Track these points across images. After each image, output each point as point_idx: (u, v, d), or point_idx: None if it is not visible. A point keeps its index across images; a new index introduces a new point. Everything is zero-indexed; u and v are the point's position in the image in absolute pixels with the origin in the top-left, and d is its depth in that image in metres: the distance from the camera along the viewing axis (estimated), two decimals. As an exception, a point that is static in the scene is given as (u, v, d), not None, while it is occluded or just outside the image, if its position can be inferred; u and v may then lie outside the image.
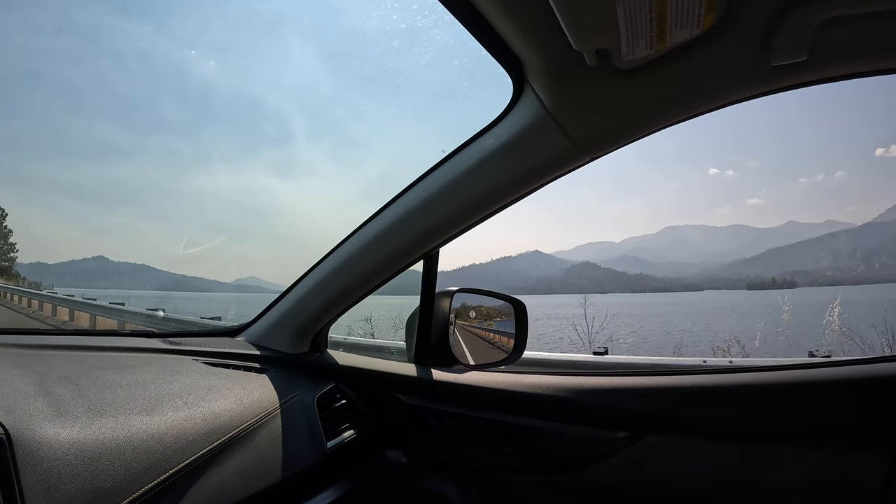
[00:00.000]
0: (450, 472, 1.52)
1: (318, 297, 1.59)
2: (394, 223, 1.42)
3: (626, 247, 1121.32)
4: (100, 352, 1.45)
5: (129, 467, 1.00)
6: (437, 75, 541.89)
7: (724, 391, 1.23)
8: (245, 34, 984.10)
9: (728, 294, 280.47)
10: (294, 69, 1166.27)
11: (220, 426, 1.20)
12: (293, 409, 1.41)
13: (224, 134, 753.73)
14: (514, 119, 1.21)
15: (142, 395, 1.18)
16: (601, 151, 1.20)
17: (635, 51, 0.94)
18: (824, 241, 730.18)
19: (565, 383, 1.36)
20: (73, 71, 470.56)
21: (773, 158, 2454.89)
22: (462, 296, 1.68)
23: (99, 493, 0.94)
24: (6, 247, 62.99)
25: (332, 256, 1.55)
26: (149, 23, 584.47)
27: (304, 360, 1.67)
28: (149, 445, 1.05)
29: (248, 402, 1.32)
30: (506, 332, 1.68)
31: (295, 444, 1.34)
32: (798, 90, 1.05)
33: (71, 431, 0.99)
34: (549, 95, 1.11)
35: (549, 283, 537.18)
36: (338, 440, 1.46)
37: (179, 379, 1.32)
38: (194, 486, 1.08)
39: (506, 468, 1.44)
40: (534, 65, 1.07)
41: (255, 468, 1.22)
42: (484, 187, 1.30)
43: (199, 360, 1.52)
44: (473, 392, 1.46)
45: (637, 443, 1.27)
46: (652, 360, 4.77)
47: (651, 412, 1.28)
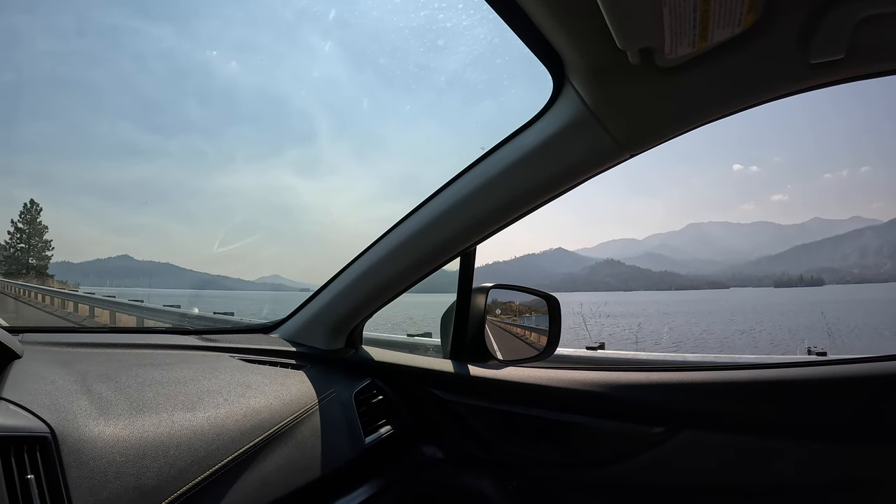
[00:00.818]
0: (486, 467, 1.52)
1: (355, 293, 1.60)
2: (432, 220, 1.42)
3: (650, 244, 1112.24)
4: (137, 349, 1.46)
5: (173, 464, 1.00)
6: (478, 74, 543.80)
7: (760, 386, 1.21)
8: (271, 33, 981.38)
9: (755, 291, 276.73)
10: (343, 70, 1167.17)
11: (261, 422, 1.21)
12: (331, 405, 1.42)
13: (248, 133, 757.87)
14: (554, 116, 1.21)
15: (182, 392, 1.20)
16: (640, 148, 1.20)
17: (678, 49, 0.95)
18: (850, 238, 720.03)
19: (601, 378, 1.36)
20: (96, 73, 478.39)
21: (797, 154, 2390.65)
22: (494, 292, 1.67)
23: (144, 490, 0.95)
24: (41, 244, 62.50)
25: (369, 253, 1.56)
26: (170, 24, 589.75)
27: (340, 356, 1.67)
28: (192, 442, 1.06)
29: (287, 399, 1.33)
30: (536, 329, 1.69)
31: (334, 439, 1.35)
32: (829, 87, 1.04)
33: (114, 429, 1.01)
34: (589, 93, 1.11)
35: (573, 281, 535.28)
36: (376, 436, 1.47)
37: (218, 376, 1.33)
38: (237, 483, 1.09)
39: (542, 464, 1.44)
40: (575, 63, 1.08)
41: (295, 464, 1.23)
42: (523, 184, 1.30)
43: (235, 356, 1.53)
44: (510, 387, 1.45)
45: (673, 438, 1.26)
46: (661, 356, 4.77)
47: (687, 407, 1.27)
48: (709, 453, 1.24)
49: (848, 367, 1.17)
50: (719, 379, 1.26)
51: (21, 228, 62.98)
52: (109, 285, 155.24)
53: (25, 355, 1.19)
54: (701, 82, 1.05)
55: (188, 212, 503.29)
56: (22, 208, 63.91)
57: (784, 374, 1.21)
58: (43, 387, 1.06)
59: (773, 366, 1.25)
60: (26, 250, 61.83)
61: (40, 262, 61.64)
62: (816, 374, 1.18)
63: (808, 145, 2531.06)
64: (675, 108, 1.11)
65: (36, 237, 62.86)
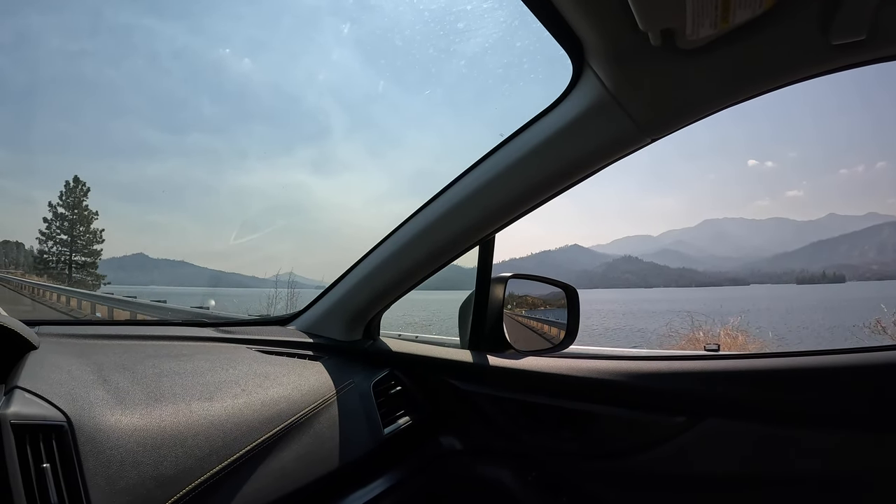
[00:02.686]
0: (505, 458, 1.52)
1: (373, 283, 1.60)
2: (450, 209, 1.42)
3: (665, 240, 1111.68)
4: (154, 341, 1.45)
5: (190, 454, 1.01)
6: (498, 58, 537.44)
7: (784, 375, 1.21)
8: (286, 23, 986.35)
9: (777, 289, 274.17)
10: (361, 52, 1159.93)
11: (279, 413, 1.21)
12: (350, 395, 1.42)
13: (261, 130, 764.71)
14: (574, 101, 1.21)
15: (199, 382, 1.20)
16: (662, 132, 1.19)
17: (700, 30, 0.94)
18: (868, 234, 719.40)
19: (621, 367, 1.35)
20: (110, 72, 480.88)
21: (813, 149, 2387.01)
22: (513, 283, 1.65)
23: (162, 479, 0.95)
24: (88, 235, 47.01)
25: (387, 244, 1.55)
26: (183, 22, 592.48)
27: (357, 347, 1.66)
28: (210, 432, 1.07)
29: (306, 389, 1.34)
30: (555, 322, 1.68)
31: (353, 430, 1.36)
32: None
33: (132, 419, 1.01)
34: (610, 76, 1.11)
35: (590, 278, 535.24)
36: (394, 426, 1.47)
37: (235, 366, 1.33)
38: (256, 473, 1.09)
39: (562, 454, 1.44)
40: (595, 45, 1.07)
41: (314, 454, 1.24)
42: (543, 171, 1.30)
43: (252, 348, 1.53)
44: (529, 377, 1.45)
45: (696, 427, 1.26)
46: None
47: (710, 396, 1.26)
48: (732, 443, 1.24)
49: (874, 356, 1.17)
50: (742, 367, 1.25)
51: (62, 214, 46.56)
52: (126, 283, 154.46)
53: (42, 346, 1.19)
54: (722, 64, 1.04)
55: (203, 209, 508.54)
56: (63, 188, 46.98)
57: (808, 362, 1.21)
58: (59, 376, 1.06)
59: (798, 354, 1.24)
60: (69, 243, 45.90)
61: (87, 259, 46.44)
62: (841, 363, 1.17)
63: (826, 140, 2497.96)
64: (696, 90, 1.11)
65: (81, 225, 46.61)
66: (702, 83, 1.08)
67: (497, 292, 1.59)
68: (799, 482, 1.20)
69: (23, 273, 44.35)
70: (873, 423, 1.13)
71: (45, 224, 46.77)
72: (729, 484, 1.26)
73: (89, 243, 47.31)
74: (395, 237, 1.53)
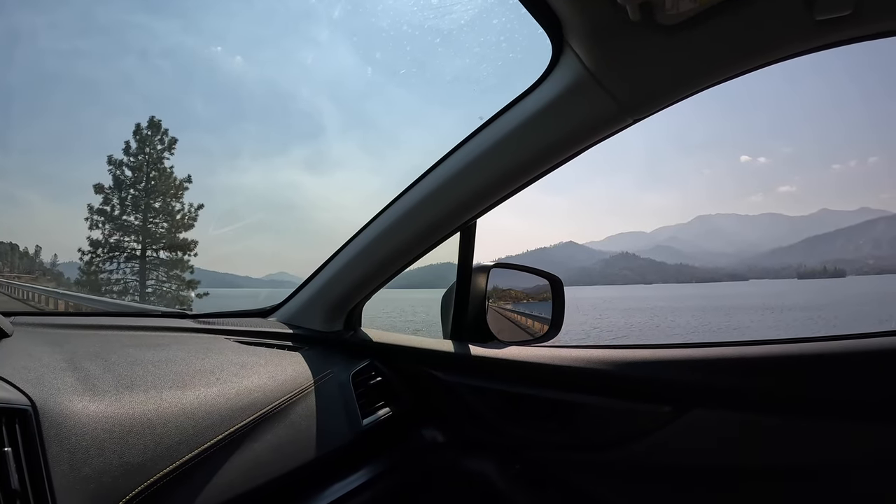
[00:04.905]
0: (488, 450, 1.49)
1: (352, 272, 1.58)
2: (430, 194, 1.40)
3: (659, 237, 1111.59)
4: (132, 331, 1.45)
5: (159, 442, 0.99)
6: (475, 36, 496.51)
7: (772, 362, 1.19)
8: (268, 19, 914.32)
9: (778, 283, 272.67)
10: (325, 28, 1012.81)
11: (254, 402, 1.19)
12: (328, 386, 1.40)
13: (253, 129, 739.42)
14: (555, 81, 1.18)
15: (173, 371, 1.19)
16: (645, 112, 1.17)
17: (679, 4, 0.91)
18: (863, 229, 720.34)
19: (606, 357, 1.33)
20: (101, 71, 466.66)
21: (805, 145, 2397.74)
22: (498, 273, 1.64)
23: (129, 467, 0.93)
24: (182, 212, 29.25)
25: (367, 231, 1.53)
26: (175, 19, 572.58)
27: (338, 337, 1.65)
28: (180, 420, 1.04)
29: (282, 379, 1.31)
30: (539, 317, 1.65)
31: (331, 421, 1.34)
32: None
33: (99, 405, 0.99)
34: (589, 55, 1.08)
35: (588, 274, 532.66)
36: (373, 418, 1.44)
37: (211, 356, 1.32)
38: (228, 462, 1.07)
39: (546, 445, 1.41)
40: (574, 23, 1.04)
41: (290, 445, 1.21)
42: (524, 153, 1.28)
43: (231, 338, 1.52)
44: (512, 367, 1.42)
45: (682, 417, 1.23)
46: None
47: (697, 385, 1.24)
48: (719, 433, 1.22)
49: (861, 343, 1.14)
50: (728, 356, 1.23)
51: (128, 179, 28.74)
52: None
53: (15, 335, 1.18)
54: (704, 41, 1.01)
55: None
56: (132, 137, 28.71)
57: (795, 349, 1.19)
58: (29, 363, 1.04)
59: (785, 341, 1.22)
60: (140, 228, 28.63)
61: (175, 255, 28.96)
62: (828, 350, 1.15)
63: (818, 136, 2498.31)
64: (678, 68, 1.08)
65: (160, 197, 29.09)
66: (683, 60, 1.05)
67: (480, 282, 1.56)
68: (786, 471, 1.18)
69: (16, 276, 39.96)
70: (861, 411, 1.11)
71: (102, 200, 28.48)
72: (716, 473, 1.24)
73: (176, 227, 28.80)
74: (375, 225, 1.51)
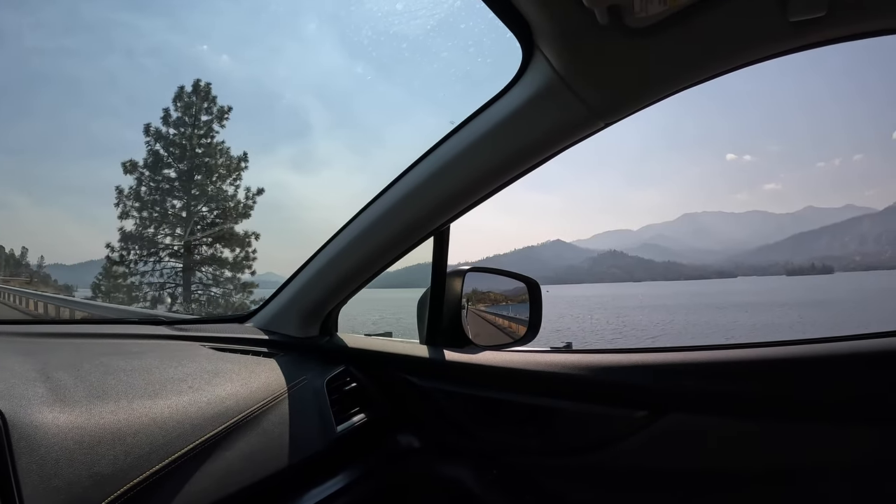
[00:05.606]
0: (465, 456, 1.49)
1: (326, 278, 1.57)
2: (402, 199, 1.40)
3: (645, 235, 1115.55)
4: (106, 339, 1.44)
5: (129, 452, 0.98)
6: (442, 41, 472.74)
7: (747, 366, 1.19)
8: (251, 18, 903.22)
9: (768, 280, 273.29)
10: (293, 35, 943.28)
11: (226, 410, 1.18)
12: (302, 392, 1.39)
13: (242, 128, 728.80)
14: (525, 85, 1.18)
15: (145, 380, 1.18)
16: (616, 116, 1.17)
17: (648, 6, 0.90)
18: (848, 226, 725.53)
19: (583, 361, 1.32)
20: (86, 70, 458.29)
21: (791, 143, 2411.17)
22: (476, 277, 1.64)
23: (98, 478, 0.92)
24: (235, 202, 24.26)
25: (340, 237, 1.52)
26: (161, 18, 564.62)
27: (313, 343, 1.64)
28: (150, 430, 1.03)
29: (255, 386, 1.30)
30: (519, 319, 1.64)
31: (304, 428, 1.32)
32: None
33: (70, 416, 0.98)
34: (559, 59, 1.07)
35: (576, 273, 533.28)
36: (348, 424, 1.43)
37: (185, 364, 1.31)
38: (199, 471, 1.06)
39: (523, 450, 1.41)
40: (542, 27, 1.03)
41: (262, 453, 1.20)
42: (494, 158, 1.27)
43: (206, 345, 1.51)
44: (488, 372, 1.42)
45: (659, 421, 1.23)
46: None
47: (672, 389, 1.24)
48: (696, 436, 1.22)
49: (838, 346, 1.14)
50: (704, 359, 1.23)
51: (191, 150, 24.42)
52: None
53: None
54: (675, 44, 1.00)
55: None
56: (176, 95, 24.31)
57: (771, 353, 1.19)
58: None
59: (761, 345, 1.22)
60: (190, 218, 24.26)
61: (237, 252, 24.00)
62: (806, 353, 1.16)
63: (804, 134, 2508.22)
64: (648, 72, 1.07)
65: (213, 177, 24.48)
66: (654, 64, 1.04)
67: (455, 286, 1.56)
68: (764, 475, 1.18)
69: (4, 279, 38.17)
70: (838, 414, 1.11)
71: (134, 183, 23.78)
72: (693, 478, 1.24)
73: (231, 215, 23.69)
74: (348, 230, 1.50)
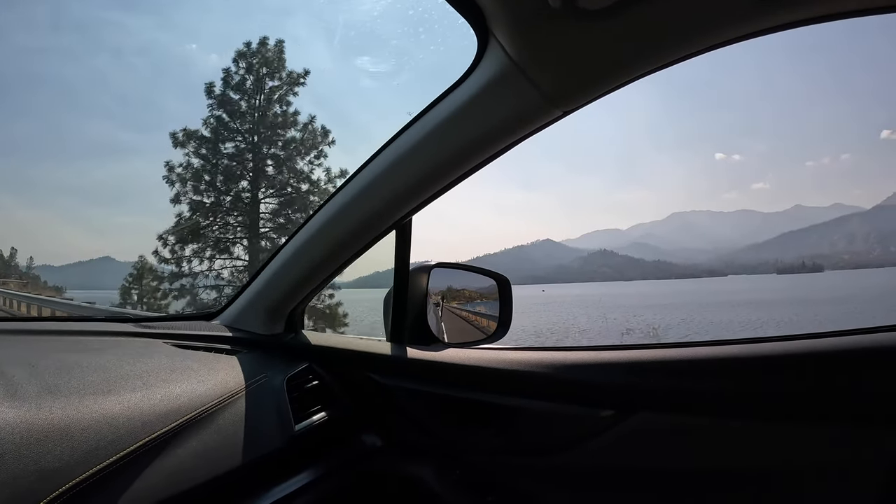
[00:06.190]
0: (428, 455, 1.47)
1: (289, 274, 1.56)
2: (361, 192, 1.38)
3: (634, 234, 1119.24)
4: (70, 336, 1.44)
5: (77, 448, 0.97)
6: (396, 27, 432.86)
7: (715, 364, 1.16)
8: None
9: (759, 279, 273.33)
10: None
11: (179, 407, 1.16)
12: (260, 390, 1.36)
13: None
14: (481, 73, 1.15)
15: (102, 377, 1.17)
16: (574, 104, 1.14)
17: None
18: (837, 225, 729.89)
19: (550, 359, 1.30)
20: (73, 69, 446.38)
21: (779, 142, 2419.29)
22: (449, 274, 1.64)
23: (45, 473, 0.91)
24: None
25: (302, 231, 1.51)
26: (148, 16, 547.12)
27: (277, 340, 1.63)
28: (100, 426, 1.02)
29: (212, 384, 1.28)
30: (493, 316, 1.63)
31: (260, 426, 1.30)
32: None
33: (18, 412, 0.98)
34: (513, 45, 1.04)
35: (566, 272, 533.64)
36: (307, 423, 1.41)
37: (144, 361, 1.30)
38: (149, 468, 1.04)
39: (487, 450, 1.39)
40: (496, 13, 1.00)
41: (216, 451, 1.18)
42: (451, 148, 1.25)
43: (169, 342, 1.51)
44: (452, 370, 1.40)
45: (627, 420, 1.21)
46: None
47: (641, 388, 1.21)
48: (663, 435, 1.20)
49: (808, 343, 1.12)
50: (671, 357, 1.21)
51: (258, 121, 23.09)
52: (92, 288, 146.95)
53: None
54: (634, 26, 0.95)
55: (169, 210, 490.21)
56: (237, 55, 23.36)
57: (740, 351, 1.17)
58: None
59: (729, 342, 1.20)
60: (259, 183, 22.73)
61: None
62: (776, 351, 1.13)
63: (793, 134, 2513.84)
64: (607, 56, 1.03)
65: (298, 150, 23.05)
66: (611, 49, 1.00)
67: (420, 282, 1.54)
68: (732, 474, 1.16)
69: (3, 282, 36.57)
70: (811, 412, 1.09)
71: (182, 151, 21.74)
72: (661, 477, 1.22)
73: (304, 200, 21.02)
74: (310, 225, 1.48)
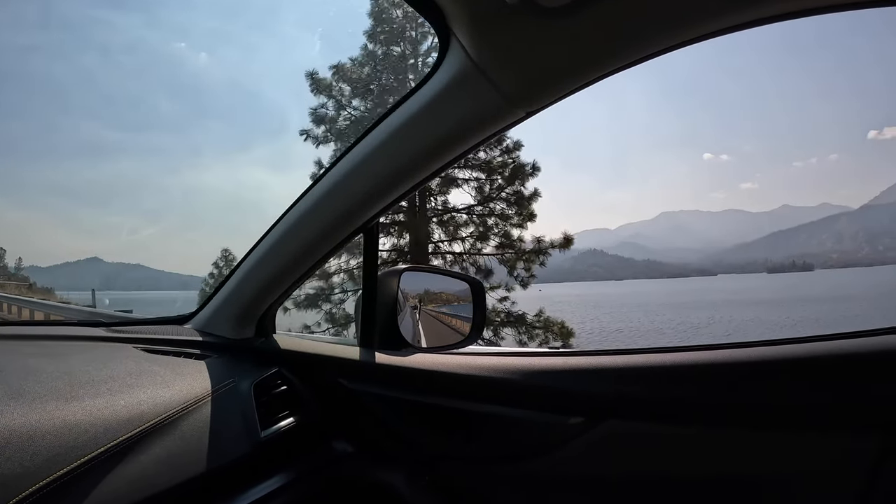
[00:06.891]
0: (398, 461, 1.46)
1: (258, 278, 1.54)
2: (327, 194, 1.36)
3: (623, 233, 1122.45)
4: (39, 340, 1.43)
5: (37, 454, 0.96)
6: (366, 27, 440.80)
7: (686, 370, 1.14)
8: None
9: (749, 278, 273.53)
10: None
11: (142, 413, 1.15)
12: (227, 396, 1.34)
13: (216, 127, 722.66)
14: (443, 74, 1.13)
15: (66, 382, 1.16)
16: (536, 105, 1.11)
17: None
18: (825, 224, 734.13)
19: (521, 365, 1.29)
20: (61, 68, 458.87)
21: (768, 142, 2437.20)
22: (423, 278, 1.64)
23: (4, 479, 0.90)
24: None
25: (271, 234, 1.49)
26: (136, 14, 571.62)
27: (247, 345, 1.61)
28: (61, 432, 1.01)
29: (178, 389, 1.27)
30: (467, 318, 1.61)
31: (225, 432, 1.27)
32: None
33: None
34: (473, 45, 1.01)
35: (557, 272, 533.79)
36: (274, 429, 1.39)
37: (111, 366, 1.29)
38: (111, 474, 1.03)
39: (456, 457, 1.38)
40: (456, 11, 0.97)
41: (180, 457, 1.16)
42: (413, 149, 1.23)
43: (138, 347, 1.49)
44: (421, 376, 1.39)
45: (597, 427, 1.19)
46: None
47: (612, 395, 1.20)
48: (634, 443, 1.18)
49: (782, 349, 1.11)
50: (642, 363, 1.19)
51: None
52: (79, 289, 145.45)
53: None
54: (594, 25, 0.91)
55: (157, 210, 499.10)
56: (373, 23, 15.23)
57: (712, 357, 1.14)
58: None
59: (700, 348, 1.18)
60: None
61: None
62: (749, 357, 1.12)
63: (781, 134, 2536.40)
64: (566, 57, 0.99)
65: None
66: (572, 49, 0.96)
67: (391, 286, 1.51)
68: (704, 482, 1.14)
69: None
70: (781, 419, 1.08)
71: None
72: (633, 486, 1.20)
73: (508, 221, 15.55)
74: (278, 228, 1.46)
